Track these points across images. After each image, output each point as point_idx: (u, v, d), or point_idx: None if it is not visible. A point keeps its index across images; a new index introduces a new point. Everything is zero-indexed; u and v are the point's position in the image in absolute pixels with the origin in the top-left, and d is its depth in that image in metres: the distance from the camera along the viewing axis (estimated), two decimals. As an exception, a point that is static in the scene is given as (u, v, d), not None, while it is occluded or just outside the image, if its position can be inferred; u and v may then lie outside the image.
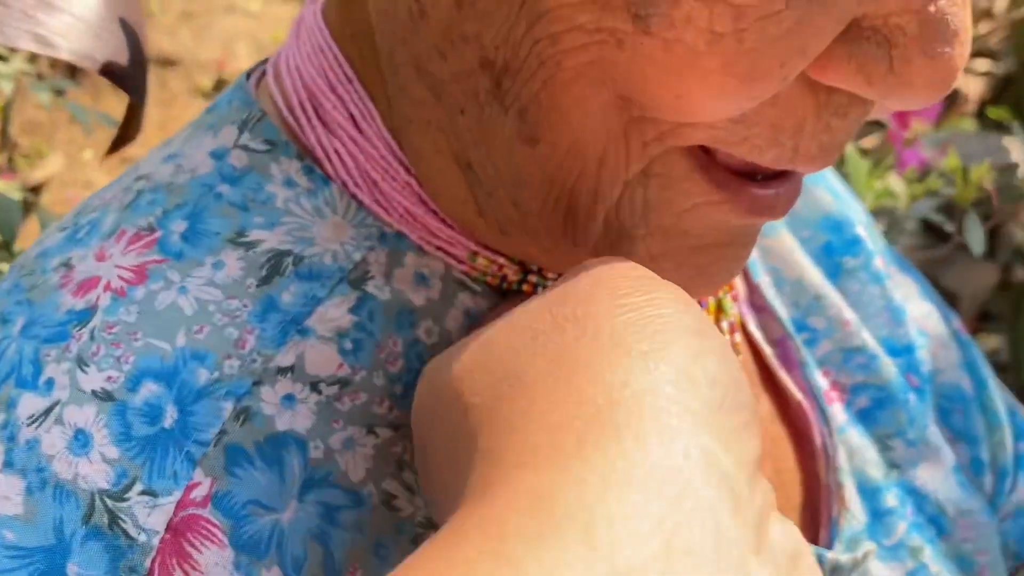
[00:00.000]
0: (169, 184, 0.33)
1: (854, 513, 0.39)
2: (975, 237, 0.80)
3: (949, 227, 1.22)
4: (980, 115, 2.09)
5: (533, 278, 0.34)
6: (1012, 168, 1.00)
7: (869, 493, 0.40)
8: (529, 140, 0.28)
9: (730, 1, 0.24)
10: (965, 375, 0.48)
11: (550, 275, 0.34)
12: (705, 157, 0.29)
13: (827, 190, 0.48)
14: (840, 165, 0.79)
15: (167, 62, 2.30)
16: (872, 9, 0.25)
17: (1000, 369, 2.01)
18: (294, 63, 0.35)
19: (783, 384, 0.42)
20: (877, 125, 0.86)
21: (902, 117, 0.67)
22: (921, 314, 0.48)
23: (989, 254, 1.65)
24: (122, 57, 0.43)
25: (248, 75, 0.37)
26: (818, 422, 0.41)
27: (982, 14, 1.78)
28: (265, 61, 0.38)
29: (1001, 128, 1.95)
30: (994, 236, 1.59)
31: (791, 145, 0.28)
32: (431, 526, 0.31)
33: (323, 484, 0.30)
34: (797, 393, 0.41)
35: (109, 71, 0.41)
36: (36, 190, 1.59)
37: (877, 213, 0.80)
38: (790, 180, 0.30)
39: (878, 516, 0.40)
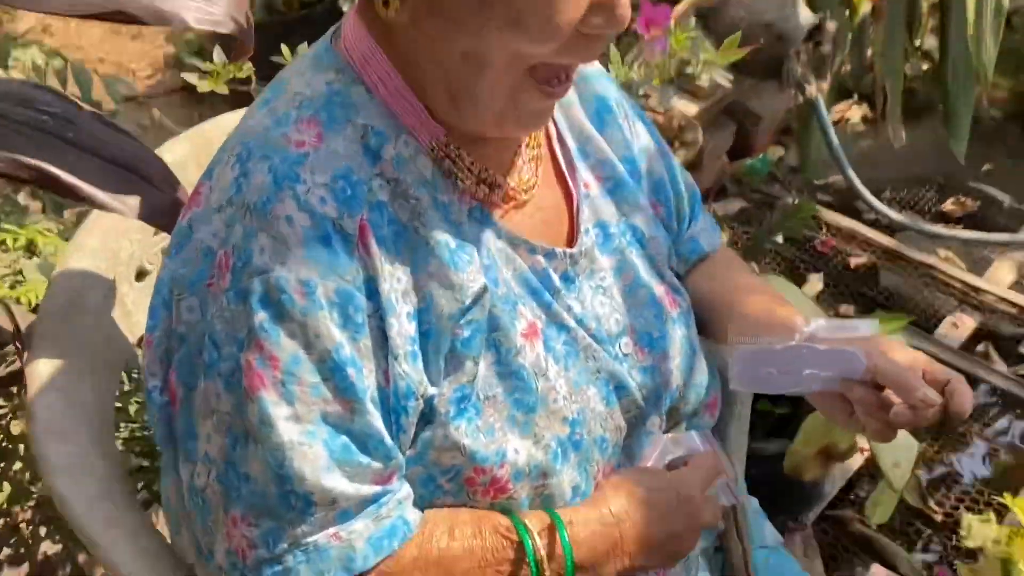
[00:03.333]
0: (314, 95, 0.73)
1: (592, 236, 0.87)
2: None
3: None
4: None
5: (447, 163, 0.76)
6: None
7: (604, 226, 0.89)
8: (477, 72, 0.70)
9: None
10: (665, 172, 0.95)
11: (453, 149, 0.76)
12: (539, 84, 0.72)
13: (597, 81, 0.93)
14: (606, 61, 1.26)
15: None
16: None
17: (792, 170, 2.59)
18: (351, 38, 0.75)
19: (567, 181, 0.89)
20: (634, 35, 1.31)
21: (646, 26, 1.12)
22: (645, 142, 0.95)
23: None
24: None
25: (331, 38, 0.78)
26: (580, 196, 0.87)
27: None
28: (338, 26, 0.78)
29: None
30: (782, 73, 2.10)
31: (576, 55, 0.71)
32: None
33: None
34: (572, 186, 0.89)
35: (233, 32, 0.82)
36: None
37: (626, 85, 1.28)
38: (567, 85, 0.74)
39: (608, 237, 0.88)
